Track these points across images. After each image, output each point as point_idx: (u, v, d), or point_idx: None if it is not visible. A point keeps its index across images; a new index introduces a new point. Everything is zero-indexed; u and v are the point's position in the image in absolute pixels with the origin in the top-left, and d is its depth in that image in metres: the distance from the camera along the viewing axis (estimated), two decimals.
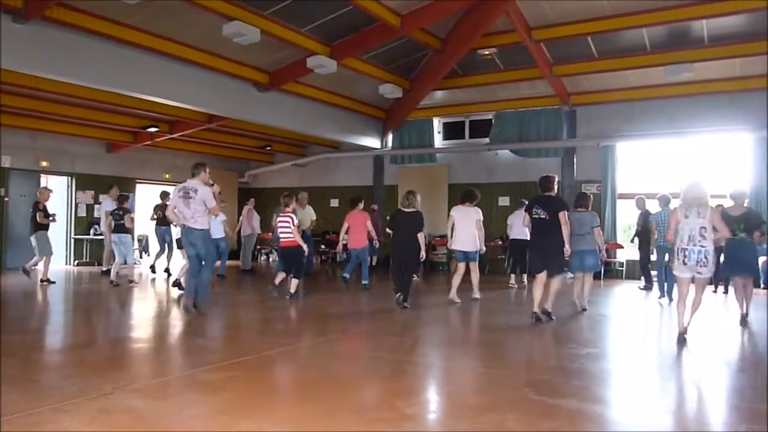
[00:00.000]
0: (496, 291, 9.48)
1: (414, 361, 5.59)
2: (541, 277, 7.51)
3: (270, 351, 5.77)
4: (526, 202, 11.49)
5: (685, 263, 6.33)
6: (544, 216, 7.38)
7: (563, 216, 7.29)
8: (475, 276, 9.44)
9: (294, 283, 9.26)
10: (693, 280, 6.49)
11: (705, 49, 12.06)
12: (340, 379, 4.86)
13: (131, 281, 11.03)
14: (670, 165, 13.86)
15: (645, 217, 11.23)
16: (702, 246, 6.23)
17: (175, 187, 7.71)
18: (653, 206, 10.85)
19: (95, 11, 9.20)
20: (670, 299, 9.92)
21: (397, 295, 8.53)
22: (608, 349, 6.53)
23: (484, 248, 9.46)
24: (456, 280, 9.29)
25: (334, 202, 17.56)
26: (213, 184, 8.06)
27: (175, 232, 10.72)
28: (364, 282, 10.79)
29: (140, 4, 8.79)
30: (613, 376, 5.27)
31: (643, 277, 11.87)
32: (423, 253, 8.50)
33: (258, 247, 16.52)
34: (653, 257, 10.65)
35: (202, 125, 14.32)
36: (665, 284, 10.05)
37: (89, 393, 4.19)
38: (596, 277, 9.38)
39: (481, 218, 9.19)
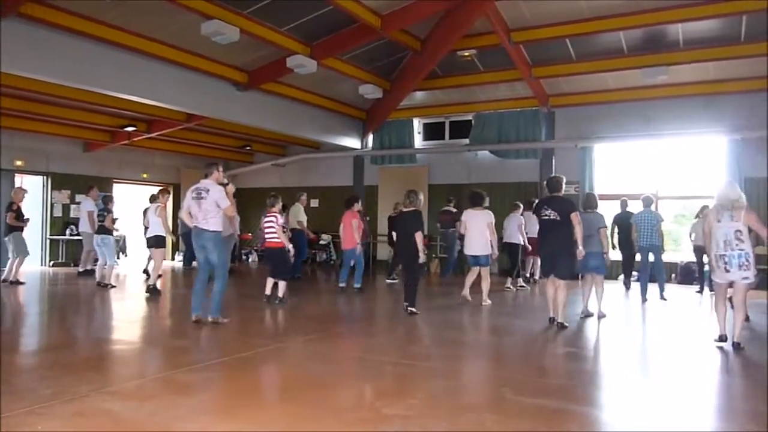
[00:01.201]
0: (493, 293, 9.49)
1: (398, 362, 5.59)
2: (552, 279, 7.40)
3: (251, 351, 5.72)
4: (521, 205, 11.64)
5: (727, 270, 6.12)
6: (554, 217, 7.25)
7: (576, 217, 7.18)
8: (485, 283, 9.27)
9: (282, 286, 9.08)
10: (731, 285, 6.27)
11: (680, 52, 12.23)
12: (321, 379, 4.84)
13: (108, 284, 10.81)
14: (647, 166, 14.05)
15: (624, 219, 11.34)
16: (740, 249, 6.05)
17: (189, 189, 7.33)
18: (635, 207, 10.93)
19: (71, 8, 9.08)
20: (644, 300, 10.08)
21: (405, 304, 8.23)
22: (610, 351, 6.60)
23: (496, 252, 9.46)
24: (469, 279, 9.38)
25: (314, 203, 17.52)
26: (228, 183, 7.64)
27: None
28: (356, 286, 10.66)
29: (116, 1, 8.68)
30: (613, 376, 5.33)
31: (623, 277, 12.20)
32: (422, 255, 8.18)
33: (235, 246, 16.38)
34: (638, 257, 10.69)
35: (180, 125, 14.19)
36: (648, 285, 10.21)
37: (64, 395, 4.12)
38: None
39: (493, 221, 9.15)
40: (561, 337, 6.88)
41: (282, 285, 9.08)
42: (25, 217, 11.25)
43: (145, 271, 12.68)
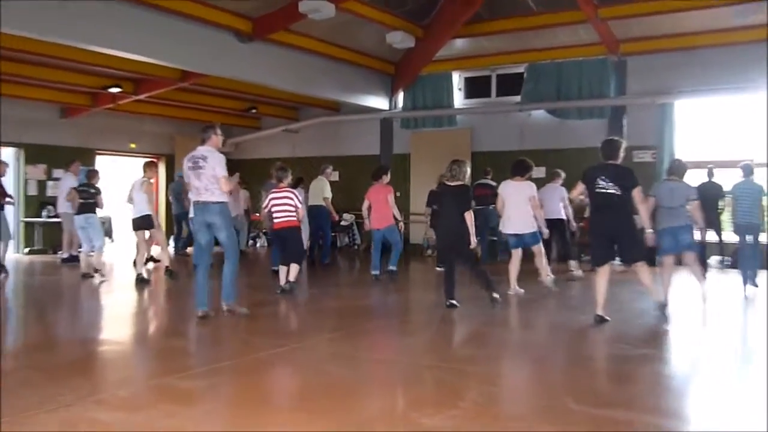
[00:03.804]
0: (530, 283, 9.47)
1: (437, 365, 5.64)
2: (605, 269, 7.23)
3: (262, 353, 5.83)
4: (562, 173, 11.55)
5: None
6: (614, 191, 7.07)
7: (639, 194, 7.07)
8: (539, 260, 9.33)
9: (294, 270, 9.15)
10: None
11: None
12: (345, 386, 4.91)
13: (97, 271, 11.01)
14: (739, 127, 13.75)
15: (709, 191, 11.14)
16: None
17: (185, 159, 7.38)
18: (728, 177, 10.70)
19: None
20: (755, 285, 9.90)
21: (448, 300, 8.16)
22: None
23: (546, 231, 9.47)
24: (513, 268, 9.29)
25: (333, 175, 17.56)
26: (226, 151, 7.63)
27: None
28: (391, 267, 10.78)
29: None
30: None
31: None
32: (473, 239, 8.09)
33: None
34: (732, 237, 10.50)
35: (173, 84, 14.28)
36: (748, 270, 9.98)
37: (46, 404, 4.24)
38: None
39: (536, 194, 9.18)
40: (632, 334, 6.85)
41: (295, 269, 9.17)
42: (8, 195, 11.48)
43: (152, 259, 12.63)
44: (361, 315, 8.30)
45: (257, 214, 17.89)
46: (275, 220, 9.22)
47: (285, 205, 9.11)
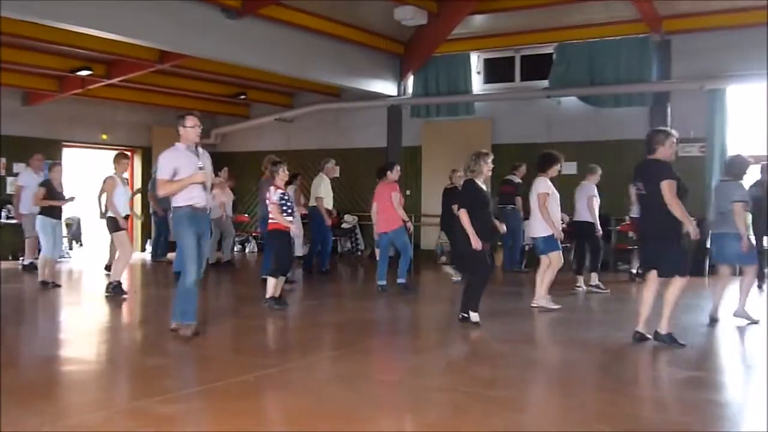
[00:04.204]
0: (561, 295, 9.47)
1: (450, 389, 5.64)
2: (652, 276, 7.20)
3: (251, 374, 5.82)
4: (598, 168, 11.52)
5: None
6: (640, 190, 7.15)
7: (668, 186, 6.87)
8: (543, 275, 9.24)
9: (272, 283, 9.16)
10: None
11: None
12: (345, 411, 4.92)
13: (51, 283, 11.03)
14: None
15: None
16: None
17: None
18: None
19: None
20: None
21: (461, 314, 8.10)
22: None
23: (560, 233, 9.43)
24: (541, 277, 9.21)
25: (335, 171, 17.57)
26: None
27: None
28: (400, 280, 10.70)
29: None
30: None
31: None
32: (474, 241, 7.97)
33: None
34: None
35: (151, 66, 14.31)
36: None
37: (7, 429, 4.26)
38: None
39: (546, 191, 9.18)
40: (676, 355, 6.82)
41: (272, 282, 9.16)
42: None
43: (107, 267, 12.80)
44: (365, 331, 8.30)
45: (246, 215, 17.97)
46: (269, 221, 9.28)
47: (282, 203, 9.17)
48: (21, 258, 14.09)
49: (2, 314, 9.14)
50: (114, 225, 10.38)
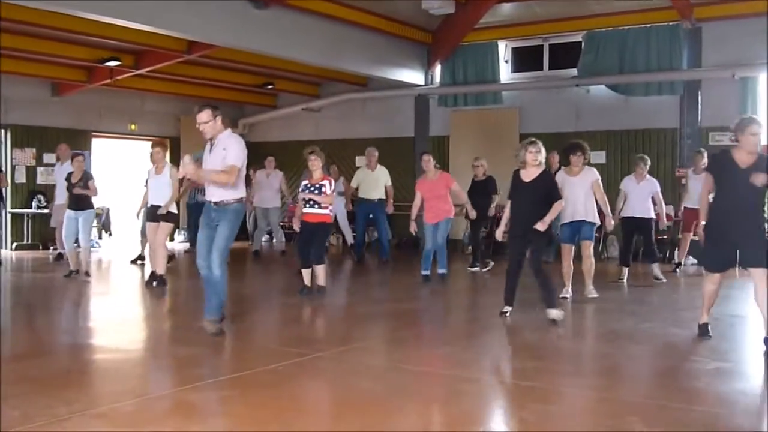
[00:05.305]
0: (610, 288, 9.43)
1: (483, 379, 5.62)
2: (716, 277, 6.77)
3: (281, 363, 5.85)
4: (647, 159, 11.33)
5: None
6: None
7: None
8: (588, 263, 9.28)
9: (322, 270, 9.31)
10: None
11: None
12: (376, 401, 4.93)
13: (85, 272, 11.10)
14: None
15: None
16: None
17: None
18: None
19: None
20: None
21: (504, 309, 7.95)
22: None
23: (611, 221, 9.54)
24: (566, 268, 9.21)
25: (361, 160, 17.55)
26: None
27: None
28: (440, 271, 10.90)
29: None
30: None
31: None
32: (498, 231, 8.25)
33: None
34: None
35: (179, 57, 14.37)
36: None
37: (37, 418, 4.30)
38: None
39: (599, 178, 9.30)
40: (719, 348, 6.73)
41: (321, 269, 9.27)
42: None
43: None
44: (397, 321, 8.30)
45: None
46: (306, 212, 9.34)
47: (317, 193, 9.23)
48: (52, 248, 14.25)
49: (32, 303, 9.26)
50: (173, 216, 10.51)
